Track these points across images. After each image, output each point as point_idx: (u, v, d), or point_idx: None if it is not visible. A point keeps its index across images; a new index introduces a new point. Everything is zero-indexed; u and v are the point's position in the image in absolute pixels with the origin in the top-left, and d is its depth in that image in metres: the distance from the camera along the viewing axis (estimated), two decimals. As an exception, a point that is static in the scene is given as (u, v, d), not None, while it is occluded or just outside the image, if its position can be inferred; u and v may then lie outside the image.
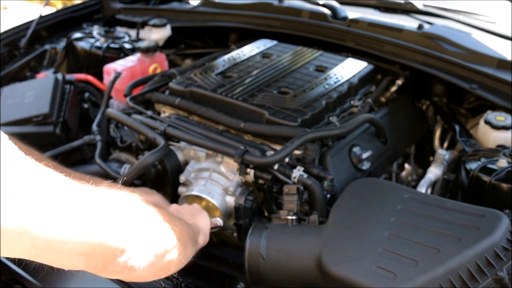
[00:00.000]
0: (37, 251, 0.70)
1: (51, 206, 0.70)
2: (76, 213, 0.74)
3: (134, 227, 0.85)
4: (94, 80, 1.90)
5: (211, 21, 2.09)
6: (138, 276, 0.88)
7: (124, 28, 2.21)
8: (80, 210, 0.75)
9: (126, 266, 0.83)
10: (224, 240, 1.46)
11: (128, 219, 0.85)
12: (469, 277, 0.90)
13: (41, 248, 0.70)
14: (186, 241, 1.00)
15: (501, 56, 1.55)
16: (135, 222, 0.86)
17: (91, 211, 0.77)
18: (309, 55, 1.70)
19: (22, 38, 2.10)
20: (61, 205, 0.71)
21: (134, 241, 0.84)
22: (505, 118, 1.44)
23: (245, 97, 1.43)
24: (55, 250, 0.72)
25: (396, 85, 1.63)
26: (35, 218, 0.67)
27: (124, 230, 0.82)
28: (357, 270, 0.94)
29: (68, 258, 0.75)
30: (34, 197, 0.67)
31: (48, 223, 0.69)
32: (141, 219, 0.88)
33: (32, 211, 0.67)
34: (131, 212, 0.87)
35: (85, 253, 0.76)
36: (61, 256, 0.74)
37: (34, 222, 0.67)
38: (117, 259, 0.81)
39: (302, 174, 1.21)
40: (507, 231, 0.97)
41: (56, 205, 0.70)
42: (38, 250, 0.70)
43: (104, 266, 0.80)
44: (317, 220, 1.13)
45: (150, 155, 1.30)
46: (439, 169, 1.48)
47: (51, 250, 0.71)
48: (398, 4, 2.00)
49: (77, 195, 0.75)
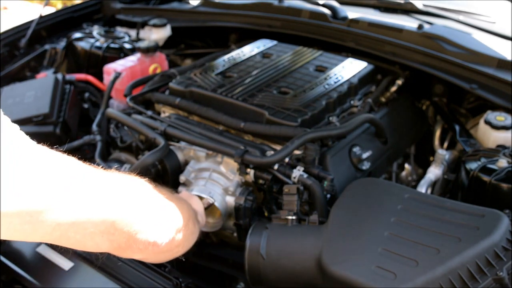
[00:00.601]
0: (61, 231, 0.72)
1: (71, 187, 0.72)
2: (96, 193, 0.77)
3: (151, 205, 0.89)
4: (94, 80, 1.90)
5: (211, 21, 2.09)
6: (161, 253, 0.92)
7: (124, 28, 2.21)
8: (99, 190, 0.78)
9: (149, 242, 0.86)
10: (224, 240, 1.46)
11: (144, 198, 0.89)
12: (469, 277, 0.90)
13: (65, 229, 0.72)
14: (193, 219, 1.06)
15: (501, 56, 1.55)
16: (151, 200, 0.90)
17: (109, 191, 0.80)
18: (309, 55, 1.70)
19: (22, 38, 2.10)
20: (80, 186, 0.74)
21: (153, 217, 0.88)
22: (505, 118, 1.44)
23: (245, 97, 1.43)
24: (78, 231, 0.74)
25: (396, 85, 1.63)
26: (57, 199, 0.70)
27: (142, 207, 0.86)
28: (357, 270, 0.94)
29: (91, 238, 0.77)
30: (54, 179, 0.70)
31: (69, 203, 0.71)
32: (155, 198, 0.92)
33: (53, 192, 0.69)
34: (145, 191, 0.91)
35: (108, 231, 0.79)
36: (84, 237, 0.76)
37: (56, 203, 0.69)
38: (139, 235, 0.84)
39: (302, 174, 1.21)
40: (507, 231, 0.97)
41: (76, 186, 0.73)
42: (62, 231, 0.72)
43: (128, 244, 0.83)
44: (317, 220, 1.13)
45: (150, 155, 1.30)
46: (439, 169, 1.48)
47: (74, 230, 0.74)
48: (398, 4, 2.00)
49: (94, 176, 0.78)
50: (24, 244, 1.22)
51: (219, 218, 1.32)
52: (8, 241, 1.23)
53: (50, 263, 1.16)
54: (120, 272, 1.13)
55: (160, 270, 1.14)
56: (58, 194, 0.70)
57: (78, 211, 0.73)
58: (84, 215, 0.74)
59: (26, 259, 1.19)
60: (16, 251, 1.21)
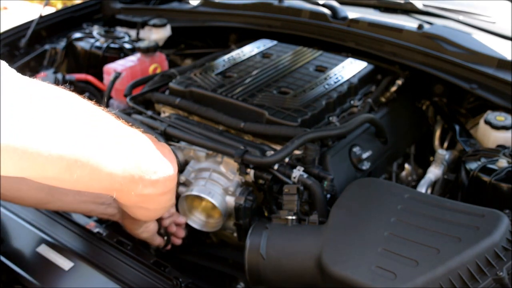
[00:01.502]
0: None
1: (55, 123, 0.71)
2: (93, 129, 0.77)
3: (147, 143, 0.90)
4: (94, 80, 1.90)
5: (211, 21, 2.09)
6: (164, 192, 0.93)
7: (124, 28, 2.21)
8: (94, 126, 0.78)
9: (152, 181, 0.88)
10: (224, 240, 1.46)
11: (140, 138, 0.90)
12: (469, 277, 0.90)
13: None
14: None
15: (501, 56, 1.55)
16: (146, 139, 0.91)
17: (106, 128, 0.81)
18: (309, 55, 1.70)
19: (22, 38, 2.10)
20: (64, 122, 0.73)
21: (152, 153, 0.89)
22: (505, 118, 1.44)
23: (245, 97, 1.43)
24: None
25: (396, 85, 1.63)
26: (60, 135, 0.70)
27: (143, 148, 0.87)
28: (357, 270, 0.94)
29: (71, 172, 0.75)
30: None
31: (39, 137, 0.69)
32: (147, 138, 0.92)
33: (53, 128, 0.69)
34: (140, 133, 0.91)
35: (116, 174, 0.80)
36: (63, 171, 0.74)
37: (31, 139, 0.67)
38: (143, 175, 0.85)
39: (302, 174, 1.21)
40: (507, 231, 0.97)
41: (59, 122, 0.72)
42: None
43: (133, 180, 0.84)
44: (317, 220, 1.13)
45: (150, 155, 1.30)
46: (439, 169, 1.48)
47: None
48: (398, 4, 2.00)
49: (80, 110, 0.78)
50: (24, 244, 1.22)
51: (219, 218, 1.32)
52: (8, 241, 1.23)
53: (50, 263, 1.16)
54: (120, 272, 1.13)
55: (160, 270, 1.14)
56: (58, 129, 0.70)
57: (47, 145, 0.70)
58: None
59: (26, 259, 1.19)
60: (16, 251, 1.21)
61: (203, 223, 1.37)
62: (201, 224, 1.37)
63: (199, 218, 1.37)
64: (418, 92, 1.72)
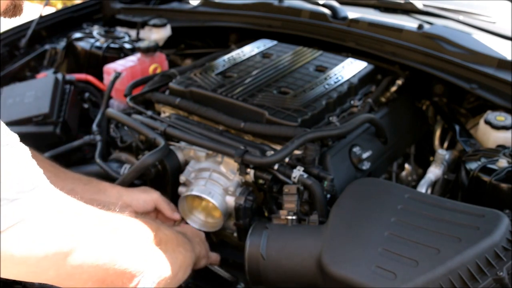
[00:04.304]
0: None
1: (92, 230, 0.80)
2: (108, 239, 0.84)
3: (145, 252, 0.92)
4: (94, 80, 1.90)
5: (211, 21, 2.08)
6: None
7: (124, 28, 2.21)
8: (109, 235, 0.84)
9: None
10: (224, 240, 1.46)
11: (139, 245, 0.92)
12: (469, 277, 0.90)
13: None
14: (187, 267, 1.09)
15: (501, 56, 1.55)
16: (146, 247, 0.93)
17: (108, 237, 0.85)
18: (309, 55, 1.70)
19: (22, 38, 2.10)
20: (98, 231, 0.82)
21: (144, 265, 0.90)
22: (505, 118, 1.44)
23: (245, 97, 1.43)
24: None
25: (396, 85, 1.63)
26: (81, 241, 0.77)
27: (136, 255, 0.89)
28: (357, 270, 0.94)
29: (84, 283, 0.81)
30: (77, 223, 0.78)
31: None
32: (150, 245, 0.95)
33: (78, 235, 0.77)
34: (141, 238, 0.94)
35: (100, 280, 0.82)
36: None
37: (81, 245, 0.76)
38: (129, 283, 0.87)
39: (302, 174, 1.21)
40: (507, 231, 0.97)
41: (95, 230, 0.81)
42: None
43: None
44: (317, 220, 1.13)
45: (150, 155, 1.30)
46: (439, 169, 1.48)
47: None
48: (398, 4, 2.00)
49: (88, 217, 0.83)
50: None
51: (219, 218, 1.32)
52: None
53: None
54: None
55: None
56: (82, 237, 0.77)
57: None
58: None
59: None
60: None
61: (203, 223, 1.37)
62: (201, 224, 1.37)
63: (199, 218, 1.37)
64: (418, 92, 1.71)
